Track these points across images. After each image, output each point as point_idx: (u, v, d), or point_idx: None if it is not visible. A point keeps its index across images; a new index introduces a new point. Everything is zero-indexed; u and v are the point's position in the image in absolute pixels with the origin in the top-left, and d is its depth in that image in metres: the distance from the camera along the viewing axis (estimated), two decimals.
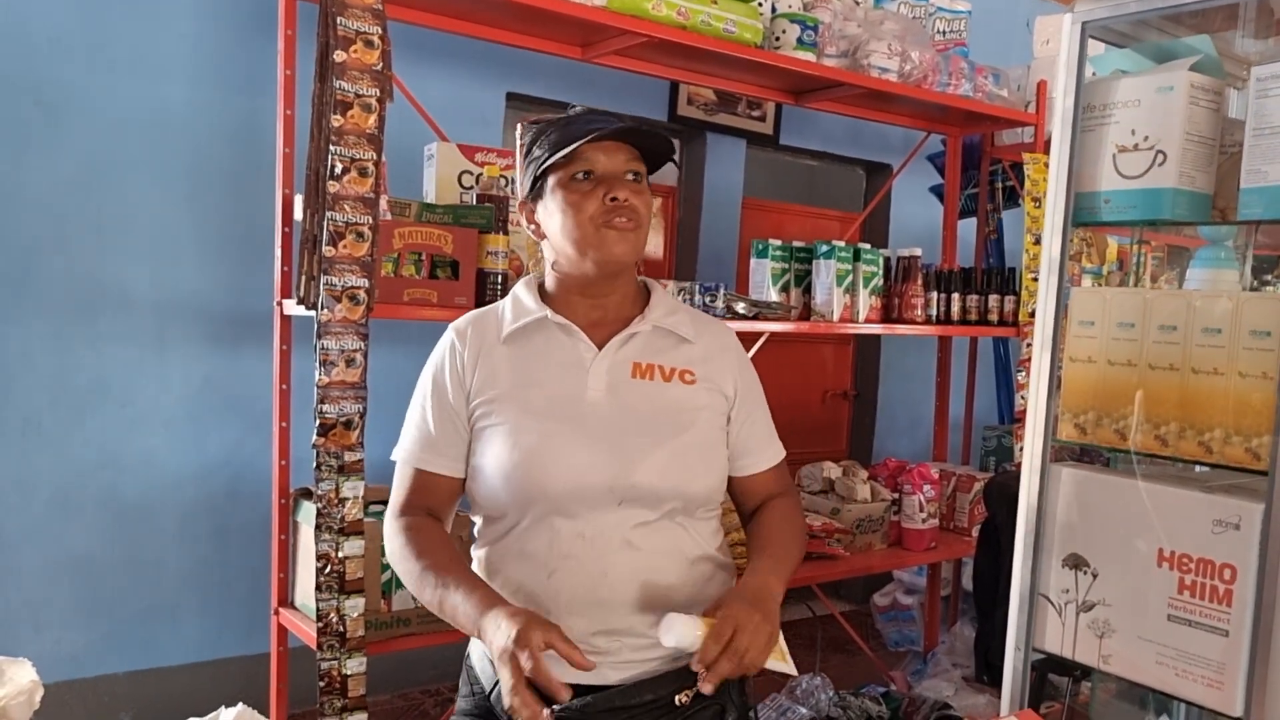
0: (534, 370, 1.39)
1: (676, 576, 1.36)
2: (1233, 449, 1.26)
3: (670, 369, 1.41)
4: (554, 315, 1.40)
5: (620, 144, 1.36)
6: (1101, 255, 3.48)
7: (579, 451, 1.32)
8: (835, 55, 2.80)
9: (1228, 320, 1.27)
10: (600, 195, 1.33)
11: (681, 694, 1.34)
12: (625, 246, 1.34)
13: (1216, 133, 1.35)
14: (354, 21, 1.85)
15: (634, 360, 1.40)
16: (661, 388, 1.39)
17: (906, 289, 3.03)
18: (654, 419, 1.35)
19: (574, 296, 1.42)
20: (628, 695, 1.33)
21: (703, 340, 1.46)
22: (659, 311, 1.44)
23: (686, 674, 1.34)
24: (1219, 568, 1.27)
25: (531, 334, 1.41)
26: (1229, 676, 1.26)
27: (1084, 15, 1.42)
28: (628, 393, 1.37)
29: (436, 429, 1.40)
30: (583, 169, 1.35)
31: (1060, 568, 1.45)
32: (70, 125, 2.77)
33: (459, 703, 1.48)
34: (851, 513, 2.94)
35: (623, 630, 1.34)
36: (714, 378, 1.43)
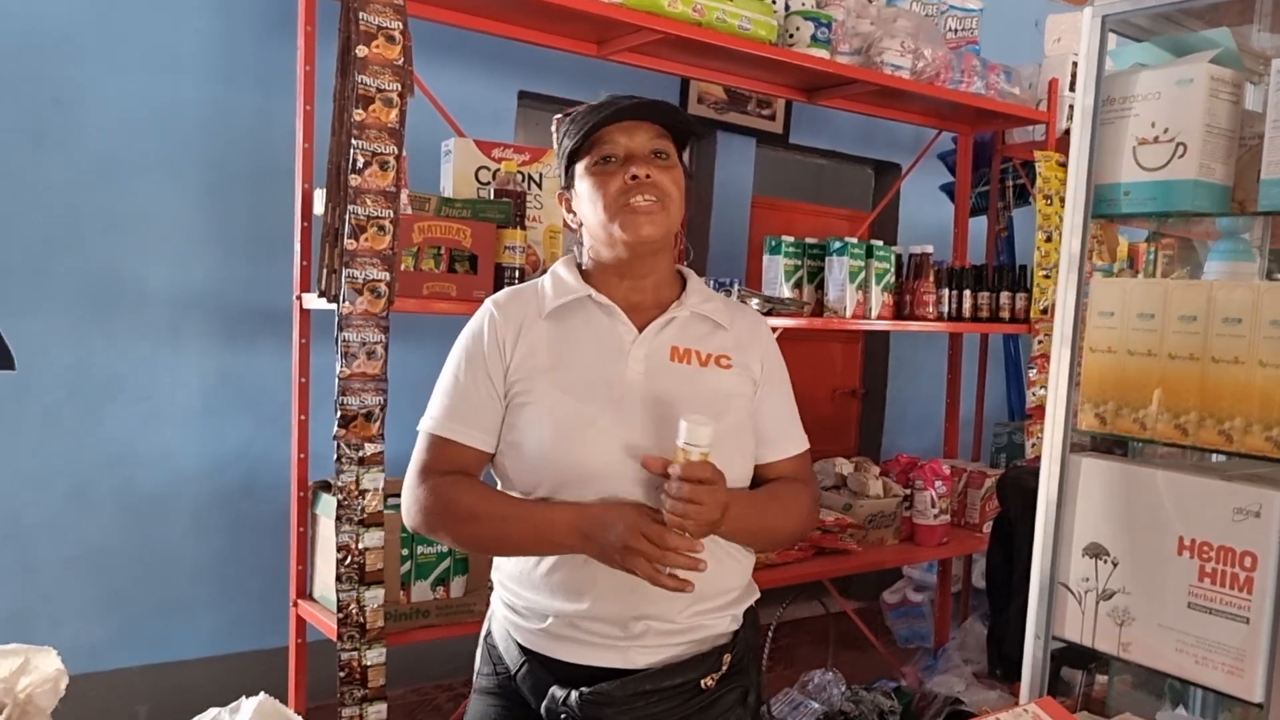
0: (574, 349, 1.39)
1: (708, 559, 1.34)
2: (1253, 437, 1.27)
3: (707, 354, 1.42)
4: (596, 295, 1.41)
5: (641, 123, 1.37)
6: (1112, 253, 3.49)
7: (617, 432, 1.32)
8: (848, 53, 2.81)
9: (1248, 310, 1.28)
10: (622, 176, 1.35)
11: (708, 678, 1.36)
12: (652, 227, 1.35)
13: (1236, 125, 1.37)
14: (376, 17, 1.87)
15: (672, 344, 1.40)
16: (699, 372, 1.40)
17: (918, 286, 3.05)
18: (692, 403, 1.35)
19: (612, 279, 1.42)
20: (656, 679, 1.33)
21: (736, 327, 1.47)
22: (696, 298, 1.45)
23: (713, 658, 1.37)
24: (1239, 555, 1.28)
25: (573, 312, 1.41)
26: (1249, 663, 1.27)
27: (1104, 9, 1.43)
28: (666, 376, 1.38)
29: (470, 400, 1.39)
30: (606, 152, 1.36)
31: (1080, 557, 1.46)
32: (86, 122, 2.79)
33: (479, 682, 1.49)
34: (864, 508, 2.95)
35: (653, 614, 1.34)
36: (746, 364, 1.45)
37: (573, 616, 1.35)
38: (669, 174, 1.37)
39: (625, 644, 1.34)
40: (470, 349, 1.42)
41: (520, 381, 1.38)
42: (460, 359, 1.42)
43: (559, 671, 1.36)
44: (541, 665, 1.39)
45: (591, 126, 1.35)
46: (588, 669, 1.35)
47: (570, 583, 1.34)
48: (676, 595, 1.30)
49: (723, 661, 1.39)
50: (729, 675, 1.40)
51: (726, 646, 1.40)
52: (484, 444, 1.39)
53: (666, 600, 1.32)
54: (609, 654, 1.35)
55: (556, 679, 1.37)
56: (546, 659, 1.38)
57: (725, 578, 1.40)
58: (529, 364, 1.38)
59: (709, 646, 1.38)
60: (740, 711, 1.42)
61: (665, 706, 1.34)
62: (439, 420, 1.40)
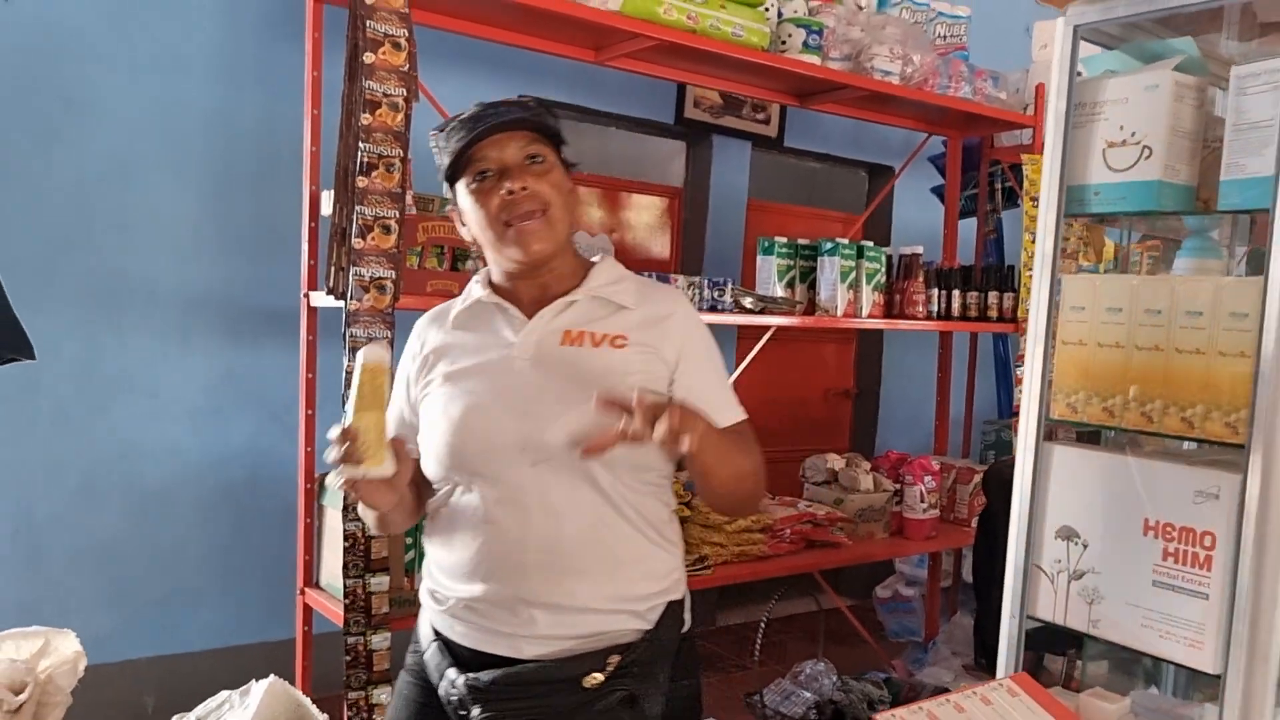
0: (469, 347, 1.43)
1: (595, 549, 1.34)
2: (1213, 424, 1.34)
3: (601, 335, 1.40)
4: (491, 296, 1.43)
5: (511, 133, 1.36)
6: (1099, 253, 3.57)
7: (494, 414, 1.34)
8: (839, 59, 2.89)
9: (1208, 303, 1.35)
10: (500, 190, 1.34)
11: (590, 676, 1.33)
12: (539, 243, 1.36)
13: (1200, 128, 1.44)
14: (383, 25, 1.95)
15: (565, 329, 1.40)
16: (589, 353, 1.38)
17: (908, 285, 3.13)
18: (574, 382, 1.34)
19: (515, 281, 1.44)
20: (541, 673, 1.32)
21: (644, 307, 1.43)
22: (598, 281, 1.43)
23: (599, 657, 1.33)
24: (1200, 535, 1.36)
25: (475, 315, 1.45)
26: (1208, 637, 1.34)
27: (1076, 18, 1.51)
28: (552, 359, 1.38)
29: (398, 413, 1.45)
30: (480, 168, 1.36)
31: (1053, 539, 1.53)
32: (96, 123, 2.87)
33: (406, 659, 1.52)
34: (854, 502, 3.03)
35: (542, 602, 1.33)
36: (651, 343, 1.40)
37: (468, 599, 1.37)
38: (546, 179, 1.37)
39: (513, 632, 1.34)
40: (401, 366, 1.49)
41: (424, 385, 1.43)
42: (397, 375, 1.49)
43: (457, 655, 1.39)
44: (444, 647, 1.41)
45: (462, 148, 1.36)
46: (482, 655, 1.36)
47: (465, 564, 1.37)
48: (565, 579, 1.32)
49: (608, 661, 1.34)
50: (617, 676, 1.34)
51: (621, 648, 1.35)
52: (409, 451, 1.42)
53: (556, 584, 1.33)
54: (500, 642, 1.35)
55: (454, 662, 1.38)
56: (449, 641, 1.40)
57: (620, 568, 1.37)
58: (432, 368, 1.44)
59: (604, 645, 1.35)
60: (622, 715, 1.34)
61: (544, 700, 1.33)
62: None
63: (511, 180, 1.34)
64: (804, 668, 3.12)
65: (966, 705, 1.42)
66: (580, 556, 1.33)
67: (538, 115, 1.38)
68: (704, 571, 2.62)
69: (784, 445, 4.51)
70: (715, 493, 1.40)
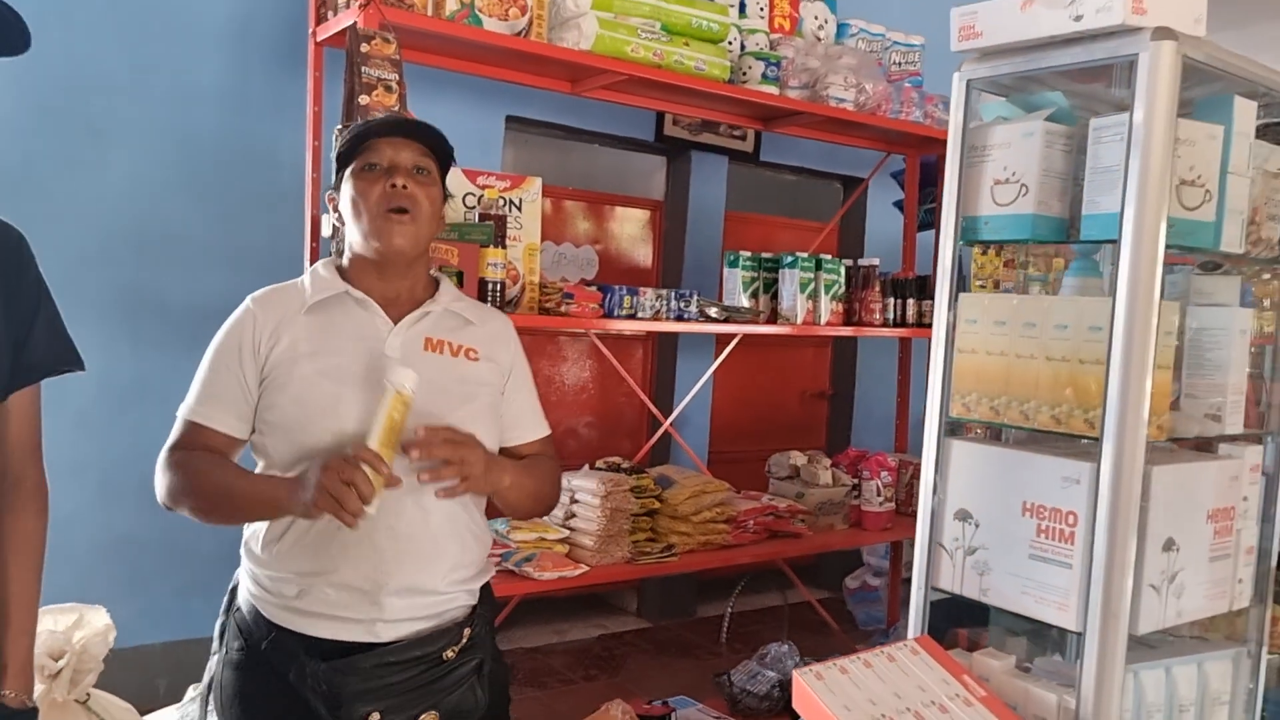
0: (332, 338, 1.49)
1: (452, 537, 1.49)
2: (1075, 420, 1.59)
3: (458, 346, 1.55)
4: (354, 291, 1.51)
5: (408, 141, 1.50)
6: (1048, 265, 3.82)
7: (367, 409, 1.41)
8: (797, 87, 3.14)
9: (1073, 318, 1.60)
10: (384, 183, 1.47)
11: (448, 650, 1.48)
12: (404, 239, 1.48)
13: (1070, 168, 1.68)
14: (376, 70, 2.19)
15: (426, 335, 1.53)
16: (451, 362, 1.53)
17: (866, 295, 3.37)
18: (443, 389, 1.48)
19: (370, 277, 1.53)
20: (399, 652, 1.44)
21: (485, 325, 1.62)
22: (448, 297, 1.59)
23: (453, 632, 1.50)
24: (1065, 514, 1.60)
25: (331, 306, 1.51)
26: (1072, 600, 1.59)
27: (969, 74, 1.76)
28: (419, 364, 1.46)
29: (223, 388, 1.48)
30: (372, 160, 1.49)
31: (952, 520, 1.78)
32: (115, 149, 3.12)
33: (228, 657, 1.52)
34: (814, 496, 3.27)
35: (402, 587, 1.44)
36: (495, 357, 1.59)
37: (317, 588, 1.43)
38: (426, 190, 1.50)
39: (370, 618, 1.43)
40: (226, 342, 1.50)
41: (279, 367, 1.46)
42: (217, 351, 1.51)
43: (306, 644, 1.44)
44: (290, 637, 1.45)
45: (362, 133, 1.49)
46: (333, 642, 1.43)
47: (316, 553, 1.43)
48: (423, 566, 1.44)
49: (463, 635, 1.50)
50: (468, 648, 1.51)
51: (465, 621, 1.52)
52: (235, 430, 1.48)
53: (415, 571, 1.45)
54: (355, 628, 1.44)
55: (304, 650, 1.43)
56: (294, 633, 1.45)
57: (465, 552, 1.53)
58: (289, 353, 1.46)
59: (449, 621, 1.50)
60: (475, 680, 1.52)
61: (407, 675, 1.44)
62: (191, 406, 1.50)
63: (397, 177, 1.47)
64: (769, 650, 3.36)
65: (874, 662, 1.67)
66: (437, 543, 1.46)
67: (437, 138, 1.53)
68: (670, 559, 2.86)
69: (762, 446, 4.76)
70: (513, 510, 1.63)
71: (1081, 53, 1.60)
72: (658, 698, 3.14)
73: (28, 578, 1.34)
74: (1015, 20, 1.64)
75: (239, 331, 1.50)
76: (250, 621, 1.50)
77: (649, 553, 2.81)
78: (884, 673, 1.65)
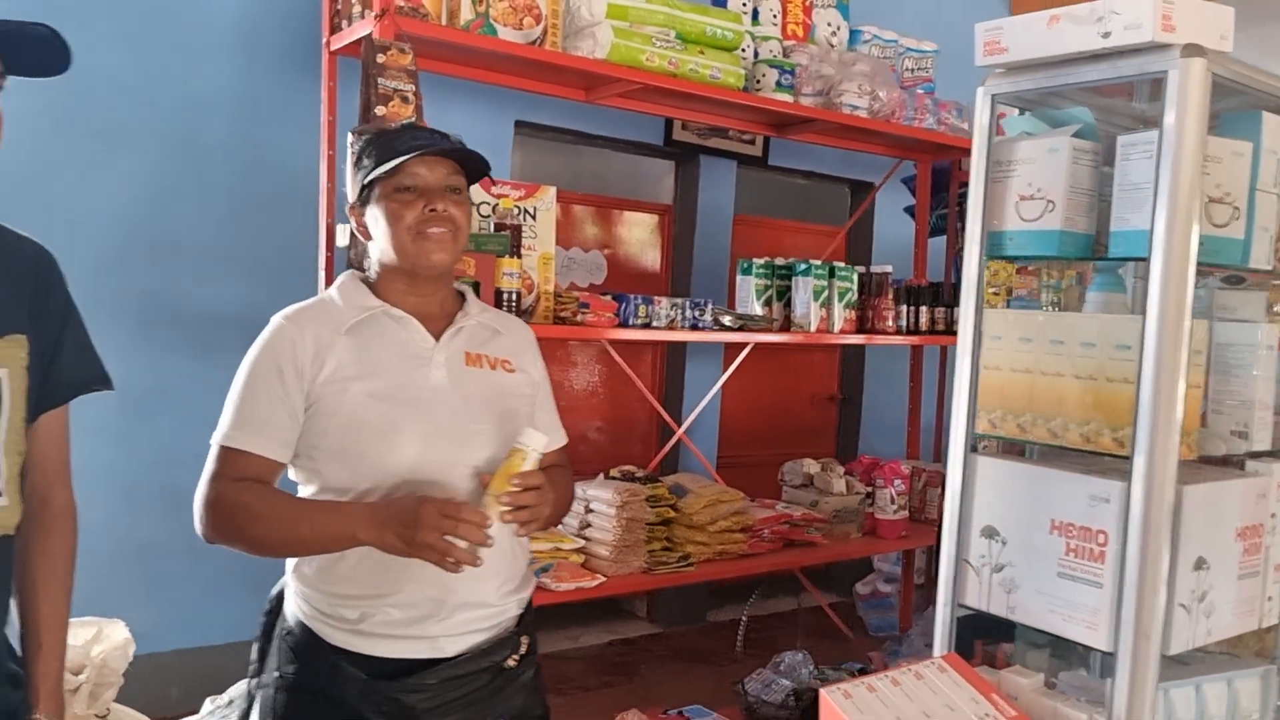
0: (377, 359, 1.47)
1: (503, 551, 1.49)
2: (1104, 439, 1.58)
3: (495, 359, 1.56)
4: (390, 310, 1.50)
5: (441, 159, 1.49)
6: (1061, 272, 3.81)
7: (428, 433, 1.43)
8: (811, 94, 3.13)
9: (1099, 337, 1.59)
10: (420, 206, 1.46)
11: (510, 658, 1.51)
12: (443, 254, 1.48)
13: (1095, 185, 1.67)
14: (392, 81, 2.18)
15: (466, 350, 1.54)
16: (490, 375, 1.55)
17: (879, 303, 3.36)
18: (489, 404, 1.50)
19: (401, 292, 1.52)
20: (465, 664, 1.46)
21: (510, 334, 1.63)
22: (475, 309, 1.60)
23: (512, 640, 1.52)
24: (1095, 533, 1.59)
25: (369, 326, 1.49)
26: (1102, 620, 1.58)
27: (993, 89, 1.74)
28: (465, 380, 1.50)
29: (263, 412, 1.43)
30: (406, 183, 1.46)
31: (978, 537, 1.77)
32: (128, 157, 3.11)
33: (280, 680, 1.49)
34: (829, 504, 3.27)
35: (464, 602, 1.46)
36: (526, 368, 1.61)
37: (380, 609, 1.43)
38: (460, 209, 1.50)
39: (437, 634, 1.44)
40: (264, 365, 1.45)
41: (328, 393, 1.43)
42: (253, 373, 1.46)
43: (367, 666, 1.43)
44: (350, 661, 1.43)
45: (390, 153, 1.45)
46: (396, 661, 1.43)
47: (378, 574, 1.42)
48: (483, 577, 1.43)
49: (521, 642, 1.54)
50: (526, 654, 1.55)
51: (521, 629, 1.55)
52: (277, 454, 1.43)
53: (478, 583, 1.45)
54: (419, 645, 1.44)
55: (367, 672, 1.42)
56: (355, 655, 1.43)
57: (514, 564, 1.55)
58: (336, 377, 1.44)
59: (506, 630, 1.52)
60: (535, 684, 1.57)
61: (474, 687, 1.46)
62: (230, 432, 1.45)
63: (435, 201, 1.46)
64: (783, 658, 3.36)
65: (901, 680, 1.66)
66: (492, 559, 1.43)
67: (469, 157, 1.52)
68: (687, 568, 2.85)
69: (771, 450, 4.76)
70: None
71: (1109, 69, 1.59)
72: (673, 706, 3.13)
73: (57, 599, 1.34)
74: (1042, 36, 1.62)
75: (277, 353, 1.46)
76: (305, 644, 1.48)
77: (665, 562, 2.80)
78: (912, 691, 1.64)
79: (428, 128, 1.55)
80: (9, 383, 1.21)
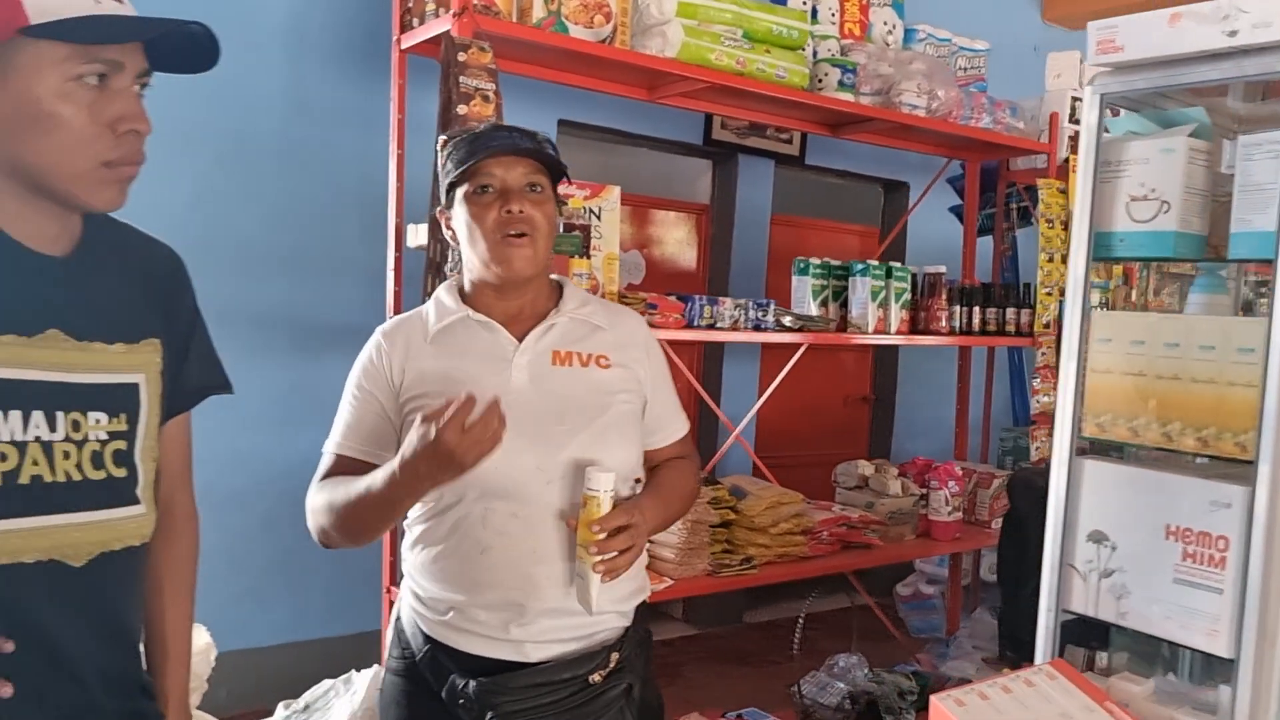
0: (460, 364, 1.46)
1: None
2: (1224, 443, 1.56)
3: (587, 355, 1.51)
4: (474, 314, 1.48)
5: (519, 158, 1.45)
6: (1109, 271, 3.80)
7: (510, 438, 1.34)
8: (870, 93, 3.11)
9: (1219, 339, 1.57)
10: (498, 208, 1.43)
11: (596, 674, 1.45)
12: (523, 261, 1.44)
13: (1210, 185, 1.66)
14: (473, 80, 2.16)
15: (553, 349, 1.50)
16: (580, 373, 1.50)
17: (932, 303, 3.34)
18: (576, 402, 1.46)
19: (490, 297, 1.50)
20: (548, 673, 1.43)
21: (615, 329, 1.56)
22: (572, 304, 1.54)
23: (601, 655, 1.47)
24: (1215, 539, 1.57)
25: (455, 332, 1.49)
26: (1223, 627, 1.56)
27: (1101, 88, 1.72)
28: (549, 380, 1.47)
29: (363, 420, 1.47)
30: (484, 182, 1.44)
31: (1084, 542, 1.75)
32: (180, 156, 3.08)
33: (390, 663, 1.55)
34: (884, 506, 3.25)
35: (547, 609, 1.43)
36: (628, 363, 1.54)
37: (466, 608, 1.43)
38: (541, 208, 1.45)
39: (520, 638, 1.43)
40: (360, 377, 1.50)
41: (413, 399, 1.45)
42: (352, 386, 1.51)
43: (458, 660, 1.44)
44: (443, 653, 1.45)
45: (469, 153, 1.44)
46: (484, 659, 1.43)
47: (462, 574, 1.43)
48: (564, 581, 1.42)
49: (610, 659, 1.47)
50: (616, 671, 1.48)
51: (614, 645, 1.49)
52: (378, 458, 1.44)
53: (563, 589, 1.43)
54: (504, 647, 1.43)
55: (456, 667, 1.43)
56: (448, 648, 1.45)
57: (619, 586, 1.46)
58: (419, 385, 1.46)
59: (598, 643, 1.47)
60: (623, 704, 1.49)
61: (555, 698, 1.43)
62: (336, 440, 1.49)
63: (511, 201, 1.43)
64: (837, 660, 3.35)
65: (1013, 687, 1.65)
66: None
67: (545, 149, 1.48)
68: (750, 571, 2.83)
69: (807, 450, 4.74)
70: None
71: (1231, 68, 1.56)
72: (725, 709, 3.12)
73: (183, 606, 1.32)
74: (1161, 34, 1.60)
75: (369, 368, 1.51)
76: (409, 633, 1.52)
77: (729, 565, 2.79)
78: (1025, 699, 1.62)
79: (509, 126, 1.51)
80: (146, 388, 1.18)
